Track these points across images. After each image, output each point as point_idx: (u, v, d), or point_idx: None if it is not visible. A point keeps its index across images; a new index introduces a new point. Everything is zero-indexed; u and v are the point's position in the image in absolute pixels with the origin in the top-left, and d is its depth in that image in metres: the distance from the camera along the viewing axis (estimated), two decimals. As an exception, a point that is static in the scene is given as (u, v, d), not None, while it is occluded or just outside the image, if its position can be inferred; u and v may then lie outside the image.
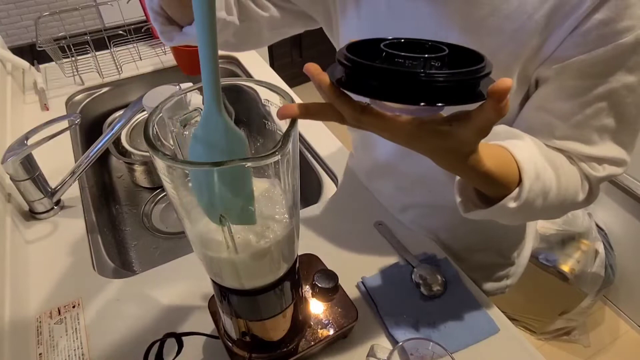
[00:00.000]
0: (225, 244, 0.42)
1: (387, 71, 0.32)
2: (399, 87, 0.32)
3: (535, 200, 0.47)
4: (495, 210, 0.47)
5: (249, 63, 1.33)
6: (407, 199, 0.78)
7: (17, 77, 1.22)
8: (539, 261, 1.48)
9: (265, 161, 0.36)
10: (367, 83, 0.33)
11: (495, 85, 0.32)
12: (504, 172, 0.45)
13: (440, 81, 0.31)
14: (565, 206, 0.52)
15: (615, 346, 1.63)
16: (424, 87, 0.32)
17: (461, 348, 0.62)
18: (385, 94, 0.33)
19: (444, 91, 0.32)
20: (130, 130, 1.12)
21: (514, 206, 0.46)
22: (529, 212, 0.48)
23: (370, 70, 0.33)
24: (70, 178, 0.84)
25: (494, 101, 0.32)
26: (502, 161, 0.45)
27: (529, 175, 0.46)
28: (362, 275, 0.71)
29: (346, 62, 0.34)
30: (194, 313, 0.66)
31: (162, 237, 1.00)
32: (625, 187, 1.49)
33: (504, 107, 0.33)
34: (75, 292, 0.71)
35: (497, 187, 0.46)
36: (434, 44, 0.38)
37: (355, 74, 0.34)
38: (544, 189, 0.47)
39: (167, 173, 0.39)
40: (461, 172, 0.44)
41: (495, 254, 0.79)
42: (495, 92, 0.32)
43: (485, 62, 0.33)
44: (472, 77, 0.32)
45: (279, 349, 0.56)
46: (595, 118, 0.49)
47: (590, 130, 0.50)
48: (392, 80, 0.32)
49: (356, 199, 0.86)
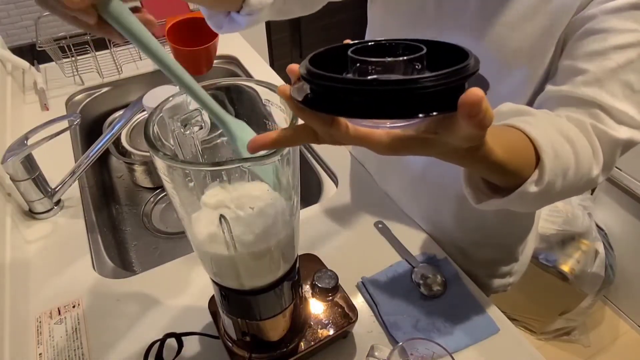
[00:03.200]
0: (225, 244, 0.42)
1: (351, 85, 0.27)
2: (369, 102, 0.27)
3: (556, 182, 0.43)
4: (514, 197, 0.43)
5: (249, 63, 1.33)
6: (417, 191, 0.78)
7: (17, 77, 1.22)
8: (539, 261, 1.48)
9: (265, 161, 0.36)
10: (333, 100, 0.28)
11: (464, 96, 0.26)
12: (517, 158, 0.40)
13: (417, 89, 0.26)
14: (582, 183, 0.47)
15: (615, 346, 1.63)
16: (398, 99, 0.27)
17: (461, 348, 0.62)
18: (353, 111, 0.28)
19: (423, 99, 0.27)
20: (130, 130, 1.12)
21: (535, 190, 0.42)
22: (548, 195, 0.44)
23: (333, 85, 0.28)
24: (70, 178, 0.84)
25: (464, 116, 0.27)
26: (515, 145, 0.41)
27: (548, 154, 0.42)
28: (362, 275, 0.71)
29: (308, 77, 0.29)
30: (194, 313, 0.66)
31: (162, 237, 1.00)
32: (625, 187, 1.49)
33: (481, 120, 0.27)
34: (75, 292, 0.71)
35: (509, 177, 0.41)
36: (408, 44, 0.32)
37: (320, 90, 0.29)
38: (563, 167, 0.43)
39: (167, 173, 0.39)
40: (469, 166, 0.41)
41: (500, 249, 0.79)
42: (463, 105, 0.26)
43: (470, 59, 0.28)
44: (455, 78, 0.27)
45: (279, 349, 0.56)
46: (624, 69, 0.47)
47: (616, 82, 0.48)
48: (360, 95, 0.27)
49: (356, 199, 0.86)
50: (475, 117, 0.27)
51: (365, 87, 0.27)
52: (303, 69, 0.30)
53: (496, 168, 0.38)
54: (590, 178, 0.48)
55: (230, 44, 1.38)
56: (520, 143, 0.42)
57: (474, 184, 0.47)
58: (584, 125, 0.48)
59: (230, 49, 1.36)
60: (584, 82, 0.49)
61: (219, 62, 1.34)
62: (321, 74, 0.28)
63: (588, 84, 0.49)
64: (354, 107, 0.28)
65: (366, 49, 0.33)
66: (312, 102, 0.30)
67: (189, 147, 0.45)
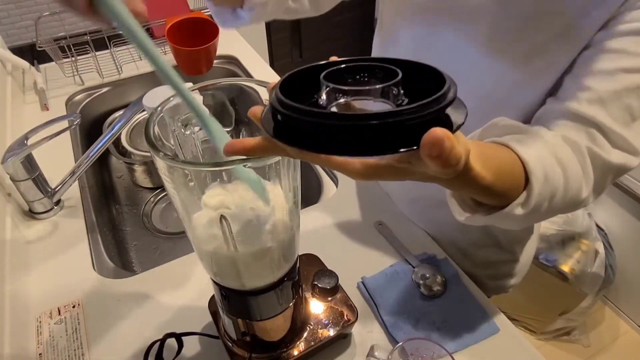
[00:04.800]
0: (226, 244, 0.42)
1: (319, 120, 0.26)
2: (339, 139, 0.26)
3: (542, 204, 0.44)
4: (498, 217, 0.43)
5: (249, 63, 1.33)
6: (416, 191, 0.78)
7: (17, 77, 1.22)
8: (539, 261, 1.48)
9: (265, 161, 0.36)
10: (300, 134, 0.27)
11: (424, 137, 0.25)
12: (506, 181, 0.40)
13: (390, 125, 0.25)
14: (569, 206, 0.48)
15: (615, 346, 1.63)
16: (368, 136, 0.26)
17: (461, 348, 0.62)
18: (319, 147, 0.27)
19: (395, 135, 0.26)
20: (130, 130, 1.12)
21: (520, 213, 0.42)
22: (534, 216, 0.45)
23: (301, 121, 0.27)
24: (70, 178, 0.84)
25: (426, 156, 0.26)
26: (505, 167, 0.41)
27: (538, 178, 0.42)
28: (362, 275, 0.71)
29: (279, 107, 0.28)
30: (194, 313, 0.66)
31: (162, 237, 1.00)
32: (625, 187, 1.49)
33: (445, 159, 0.26)
34: (75, 292, 0.71)
35: (496, 198, 0.42)
36: (381, 66, 0.30)
37: (289, 122, 0.28)
38: (552, 190, 0.44)
39: (167, 173, 0.39)
40: (455, 189, 0.40)
41: (500, 250, 0.79)
42: (423, 146, 0.26)
43: (447, 86, 0.27)
44: (430, 111, 0.25)
45: (279, 349, 0.56)
46: (628, 92, 0.47)
47: (619, 105, 0.47)
48: (329, 131, 0.26)
49: (356, 199, 0.86)
50: (438, 157, 0.26)
51: (332, 123, 0.26)
52: (272, 95, 0.29)
53: (484, 191, 0.38)
54: (579, 200, 0.48)
55: (230, 44, 1.38)
56: (510, 165, 0.42)
57: (458, 196, 0.47)
58: (579, 148, 0.47)
59: (230, 49, 1.36)
60: (588, 99, 0.48)
61: (219, 62, 1.34)
62: (288, 104, 0.27)
63: (591, 102, 0.48)
64: (320, 143, 0.26)
65: (342, 71, 0.31)
66: (280, 133, 0.29)
67: (189, 147, 0.45)
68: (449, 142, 0.25)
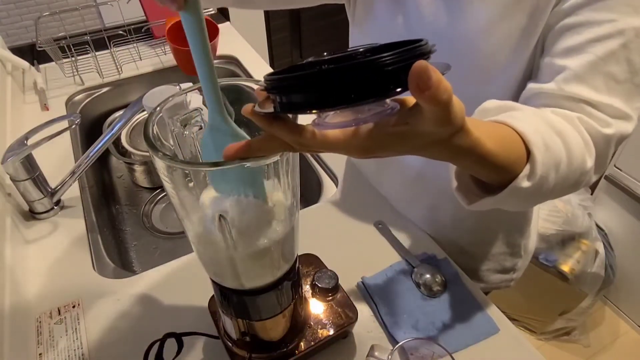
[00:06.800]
0: (225, 244, 0.42)
1: (309, 72, 0.27)
2: (324, 90, 0.27)
3: (549, 175, 0.42)
4: (505, 195, 0.41)
5: (249, 63, 1.33)
6: (414, 193, 0.78)
7: (17, 77, 1.22)
8: (539, 261, 1.48)
9: (265, 161, 0.36)
10: (290, 98, 0.28)
11: (411, 70, 0.25)
12: (507, 152, 0.39)
13: (380, 64, 0.26)
14: (576, 178, 0.46)
15: (615, 346, 1.63)
16: (362, 79, 0.26)
17: (461, 348, 0.62)
18: (308, 103, 0.27)
19: (386, 78, 0.26)
20: (130, 130, 1.12)
21: (528, 185, 0.41)
22: (542, 190, 0.43)
23: (285, 82, 0.28)
24: (70, 178, 0.84)
25: (415, 90, 0.26)
26: (504, 139, 0.40)
27: (539, 147, 0.41)
28: (362, 275, 0.71)
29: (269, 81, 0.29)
30: (194, 313, 0.66)
31: (162, 237, 1.00)
32: (625, 187, 1.49)
33: (434, 93, 0.26)
34: (75, 292, 0.71)
35: (501, 172, 0.40)
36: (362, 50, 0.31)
37: (282, 90, 0.29)
38: (555, 159, 0.42)
39: (167, 173, 0.39)
40: (459, 161, 0.39)
41: (501, 244, 0.79)
42: (411, 79, 0.26)
43: (425, 40, 0.28)
44: (414, 54, 0.26)
45: (279, 349, 0.56)
46: (605, 61, 0.47)
47: (598, 76, 0.47)
48: (314, 83, 0.27)
49: (356, 199, 0.86)
50: (427, 90, 0.26)
51: (321, 70, 0.26)
52: (263, 81, 0.30)
53: (486, 162, 0.37)
54: (585, 169, 0.46)
55: (230, 44, 1.38)
56: (509, 137, 0.41)
57: (464, 186, 0.47)
58: (570, 119, 0.47)
59: (230, 49, 1.36)
60: (564, 79, 0.49)
61: (219, 62, 1.34)
62: (277, 73, 0.28)
63: (568, 80, 0.48)
64: (315, 98, 0.27)
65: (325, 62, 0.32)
66: (277, 109, 0.29)
67: (188, 147, 0.45)
68: (435, 74, 0.26)
